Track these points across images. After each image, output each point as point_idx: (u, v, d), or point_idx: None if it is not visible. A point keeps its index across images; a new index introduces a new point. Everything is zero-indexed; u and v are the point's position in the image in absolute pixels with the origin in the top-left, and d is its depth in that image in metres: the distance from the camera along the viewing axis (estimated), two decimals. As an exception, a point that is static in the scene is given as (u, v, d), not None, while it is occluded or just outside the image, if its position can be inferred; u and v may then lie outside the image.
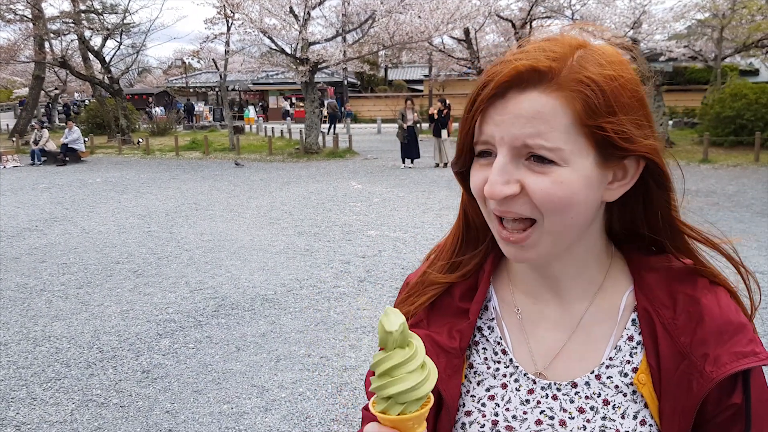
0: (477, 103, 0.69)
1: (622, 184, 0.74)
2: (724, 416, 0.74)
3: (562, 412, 0.76)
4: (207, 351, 4.33)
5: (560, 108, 0.67)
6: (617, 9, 17.60)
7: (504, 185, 0.68)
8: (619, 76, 0.68)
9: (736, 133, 16.01)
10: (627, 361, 0.76)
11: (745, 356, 0.72)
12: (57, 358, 4.28)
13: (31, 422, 3.42)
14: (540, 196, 0.68)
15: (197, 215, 9.49)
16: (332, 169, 15.34)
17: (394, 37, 17.84)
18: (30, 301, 5.48)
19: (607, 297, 0.79)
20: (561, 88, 0.67)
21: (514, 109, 0.67)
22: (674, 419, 0.73)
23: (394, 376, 0.66)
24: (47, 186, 13.18)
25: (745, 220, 8.27)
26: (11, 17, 22.00)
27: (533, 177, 0.68)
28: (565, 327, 0.79)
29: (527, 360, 0.79)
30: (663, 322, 0.74)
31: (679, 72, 30.97)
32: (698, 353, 0.72)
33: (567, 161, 0.68)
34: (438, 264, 0.85)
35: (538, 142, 0.67)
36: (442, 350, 0.80)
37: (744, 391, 0.73)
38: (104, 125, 24.75)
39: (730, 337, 0.73)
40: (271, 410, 3.49)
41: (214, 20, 18.32)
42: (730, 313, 0.75)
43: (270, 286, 5.80)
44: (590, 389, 0.76)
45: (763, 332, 4.40)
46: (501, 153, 0.69)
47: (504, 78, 0.67)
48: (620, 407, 0.74)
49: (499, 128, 0.68)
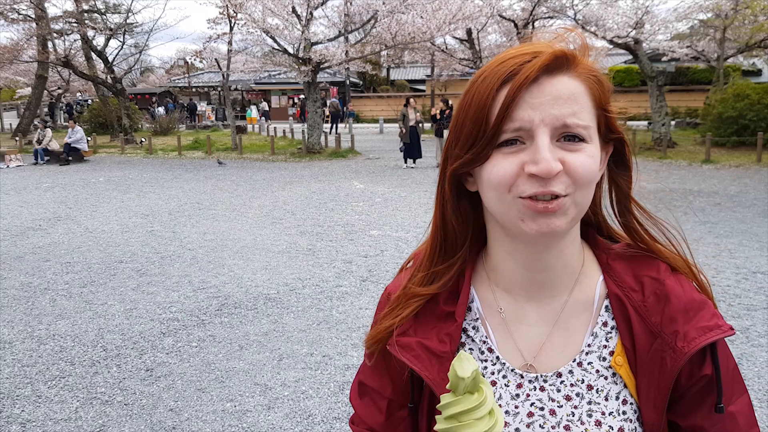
0: (510, 93, 0.71)
1: (601, 167, 0.80)
2: (696, 388, 0.79)
3: (551, 402, 0.80)
4: (210, 349, 4.36)
5: (585, 90, 0.74)
6: (620, 9, 17.54)
7: (555, 162, 0.70)
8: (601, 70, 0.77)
9: (739, 133, 15.99)
10: (604, 346, 0.80)
11: (711, 330, 0.77)
12: (61, 356, 4.31)
13: (36, 419, 3.45)
14: (581, 170, 0.72)
15: (200, 215, 9.52)
16: (334, 169, 15.37)
17: (396, 37, 17.86)
18: (34, 300, 5.51)
19: (582, 288, 0.83)
20: (581, 74, 0.74)
21: (552, 91, 0.72)
22: (650, 395, 0.77)
23: (462, 422, 0.67)
24: (50, 185, 13.22)
25: (747, 220, 8.27)
26: (14, 17, 22.06)
27: (570, 155, 0.72)
28: (547, 321, 0.83)
29: (514, 356, 0.83)
30: (634, 305, 0.80)
31: (681, 72, 30.93)
32: (669, 331, 0.77)
33: (592, 138, 0.74)
34: (418, 276, 0.86)
35: (575, 120, 0.72)
36: (434, 355, 0.82)
37: (713, 362, 0.78)
38: (107, 125, 24.81)
39: (695, 313, 0.78)
40: (273, 408, 3.52)
41: (217, 20, 18.35)
42: (693, 291, 0.81)
43: (272, 285, 5.82)
44: (574, 377, 0.80)
45: (764, 332, 4.41)
46: (542, 133, 0.71)
47: (545, 61, 0.71)
48: (603, 390, 0.79)
49: (537, 111, 0.71)
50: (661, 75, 17.54)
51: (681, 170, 13.84)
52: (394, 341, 0.83)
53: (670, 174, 13.22)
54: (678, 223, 0.90)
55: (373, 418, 0.89)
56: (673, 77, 28.08)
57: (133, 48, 28.88)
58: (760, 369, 3.84)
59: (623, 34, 17.19)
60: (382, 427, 0.88)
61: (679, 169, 13.98)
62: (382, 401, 0.88)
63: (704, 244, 6.97)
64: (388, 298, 0.91)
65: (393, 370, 0.86)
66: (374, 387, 0.89)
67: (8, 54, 22.01)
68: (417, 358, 0.82)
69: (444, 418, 0.68)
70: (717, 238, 7.28)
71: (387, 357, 0.86)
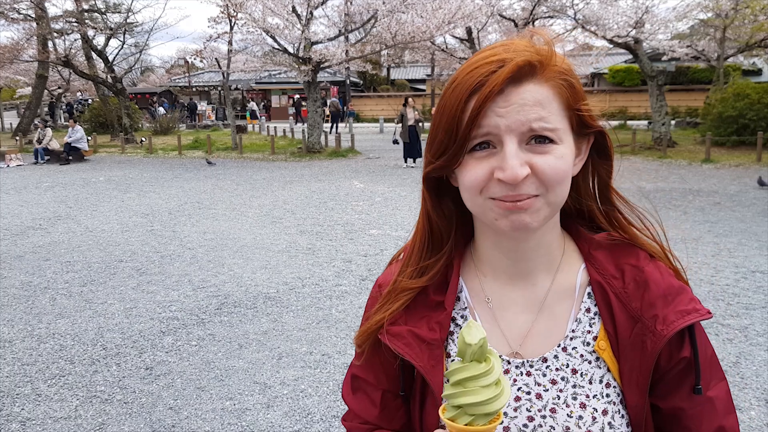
0: (478, 103, 0.74)
1: (581, 159, 0.84)
2: (676, 370, 0.82)
3: (537, 386, 0.83)
4: (210, 348, 4.37)
5: (552, 95, 0.77)
6: (620, 8, 17.53)
7: (521, 167, 0.74)
8: (573, 69, 0.80)
9: (739, 133, 15.99)
10: (587, 331, 0.84)
11: (689, 313, 0.81)
12: (61, 355, 4.32)
13: (36, 418, 3.46)
14: (549, 171, 0.75)
15: (200, 214, 9.53)
16: (334, 169, 15.38)
17: (396, 37, 17.86)
18: (34, 299, 5.52)
19: (564, 276, 0.87)
20: (549, 78, 0.77)
21: (517, 99, 0.75)
22: (633, 377, 0.81)
23: (467, 387, 0.68)
24: (51, 185, 13.23)
25: (747, 219, 8.27)
26: (15, 16, 22.07)
27: (538, 157, 0.75)
28: (532, 308, 0.86)
29: (501, 343, 0.86)
30: (615, 292, 0.83)
31: (681, 72, 30.91)
32: (648, 315, 0.81)
33: (562, 139, 0.77)
34: (407, 270, 0.89)
35: (542, 124, 0.75)
36: (424, 342, 0.84)
37: (691, 345, 0.82)
38: (107, 124, 24.82)
39: (674, 298, 0.82)
40: (272, 407, 3.52)
41: (218, 19, 18.35)
42: (671, 277, 0.85)
43: (272, 284, 5.83)
44: (559, 361, 0.83)
45: (762, 331, 4.42)
46: (509, 141, 0.75)
47: (509, 72, 0.74)
48: (587, 374, 0.82)
49: (504, 118, 0.75)
50: (661, 74, 17.54)
51: (681, 170, 13.85)
52: (385, 330, 0.86)
53: (670, 173, 13.22)
54: (655, 210, 0.93)
55: (368, 411, 0.90)
56: (674, 77, 28.07)
57: (133, 47, 28.90)
58: (758, 368, 3.85)
59: (623, 34, 17.19)
60: (377, 420, 0.90)
61: (679, 169, 13.98)
62: (375, 393, 0.90)
63: (703, 243, 6.97)
64: (380, 289, 0.94)
65: (385, 361, 0.88)
66: (368, 379, 0.91)
67: (8, 53, 22.03)
68: (408, 346, 0.84)
69: (451, 384, 0.69)
70: (716, 237, 7.29)
71: (379, 349, 0.88)
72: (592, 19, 17.76)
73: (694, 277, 5.70)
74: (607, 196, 0.89)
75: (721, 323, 4.57)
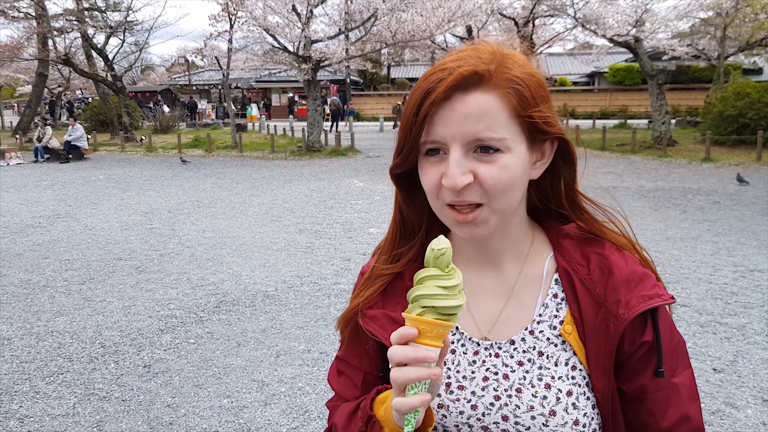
0: (425, 109, 0.77)
1: (543, 162, 0.86)
2: (639, 354, 0.84)
3: (504, 367, 0.86)
4: (208, 346, 4.37)
5: (500, 104, 0.78)
6: (619, 7, 17.52)
7: (462, 176, 0.77)
8: (534, 74, 0.81)
9: (739, 132, 15.99)
10: (554, 316, 0.87)
11: (651, 298, 0.83)
12: (60, 352, 4.32)
13: (34, 415, 3.47)
14: (491, 181, 0.78)
15: (199, 212, 9.53)
16: (334, 167, 15.38)
17: (396, 36, 17.85)
18: (33, 297, 5.53)
19: (533, 264, 0.91)
20: (497, 87, 0.78)
21: (462, 109, 0.77)
22: (599, 361, 0.83)
23: (424, 284, 0.72)
24: (50, 183, 13.24)
25: (746, 218, 8.27)
26: (15, 15, 22.06)
27: (483, 166, 0.78)
28: (501, 295, 0.90)
29: (472, 327, 0.90)
30: (580, 278, 0.86)
31: (682, 71, 30.91)
32: (611, 300, 0.84)
33: (509, 148, 0.78)
34: (382, 258, 0.96)
35: (488, 134, 0.77)
36: (397, 324, 0.86)
37: (654, 329, 0.84)
38: (107, 123, 24.83)
39: (637, 284, 0.84)
40: (270, 404, 3.53)
41: (218, 17, 18.34)
42: (635, 265, 0.87)
43: (271, 282, 5.83)
44: (526, 344, 0.86)
45: (760, 329, 4.42)
46: (454, 149, 0.78)
47: (452, 82, 0.76)
48: (553, 356, 0.85)
49: (449, 128, 0.77)
50: (662, 73, 17.52)
51: (681, 169, 13.84)
52: (363, 314, 0.90)
53: (669, 172, 13.22)
54: (621, 208, 0.95)
55: (349, 392, 0.94)
56: (674, 76, 28.07)
57: (133, 46, 28.88)
58: (755, 366, 3.85)
59: (623, 33, 17.17)
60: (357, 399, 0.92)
61: (678, 168, 13.97)
62: (357, 376, 0.94)
63: (702, 242, 6.98)
64: (362, 277, 0.99)
65: (365, 344, 0.92)
66: (351, 362, 0.95)
67: (9, 52, 22.03)
68: (382, 328, 0.88)
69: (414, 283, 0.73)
70: (715, 236, 7.29)
71: (359, 333, 0.92)
72: (592, 18, 17.76)
73: (693, 276, 5.70)
74: (573, 199, 0.91)
75: (719, 322, 4.57)
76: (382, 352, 0.91)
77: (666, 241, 7.06)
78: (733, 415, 3.30)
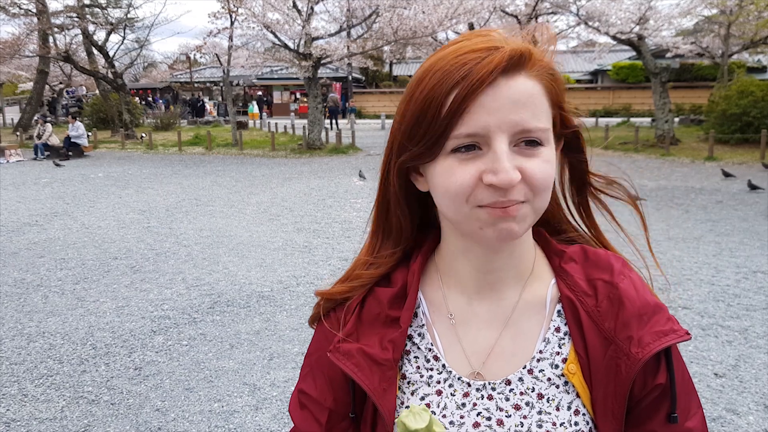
0: (467, 94, 0.65)
1: None
2: (650, 398, 0.75)
3: (499, 411, 0.75)
4: (200, 348, 4.31)
5: (542, 90, 0.69)
6: (623, 4, 17.39)
7: (514, 171, 0.66)
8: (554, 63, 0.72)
9: (742, 130, 15.87)
10: (556, 353, 0.76)
11: (666, 334, 0.73)
12: (50, 354, 4.26)
13: (21, 419, 3.40)
14: (540, 176, 0.67)
15: (197, 211, 9.47)
16: (334, 165, 15.30)
17: (397, 33, 17.75)
18: (26, 297, 5.47)
19: (533, 291, 0.79)
20: (538, 72, 0.68)
21: (510, 95, 0.66)
22: (607, 405, 0.73)
23: None
24: (49, 181, 13.19)
25: (749, 218, 8.17)
26: (15, 11, 22.03)
27: (528, 161, 0.67)
28: (496, 324, 0.78)
29: (461, 362, 0.78)
30: (587, 310, 0.76)
31: (685, 69, 30.73)
32: (622, 336, 0.73)
33: (549, 141, 0.70)
34: (362, 260, 0.85)
35: (536, 125, 0.67)
36: (375, 363, 0.77)
37: (668, 369, 0.74)
38: (108, 120, 24.79)
39: (650, 318, 0.74)
40: (261, 409, 3.46)
41: (218, 14, 18.26)
42: (647, 294, 0.77)
43: (267, 283, 5.76)
44: (524, 385, 0.76)
45: (763, 333, 4.34)
46: (500, 141, 0.66)
47: (499, 62, 0.65)
48: (554, 399, 0.75)
49: (493, 116, 0.65)
50: (665, 71, 17.40)
51: (684, 167, 13.73)
52: (335, 348, 0.79)
53: (672, 171, 13.11)
54: (630, 179, 0.87)
55: (313, 428, 0.83)
56: (678, 73, 27.92)
57: (134, 43, 28.85)
58: (757, 371, 3.77)
59: (626, 30, 17.05)
60: None
61: (681, 167, 13.86)
62: (322, 413, 0.82)
63: (705, 243, 6.89)
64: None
65: (334, 378, 0.82)
66: (314, 396, 0.83)
67: (9, 49, 22.00)
68: (358, 367, 0.77)
69: None
70: (718, 236, 7.20)
71: (328, 364, 0.81)
72: (595, 15, 17.63)
73: (695, 278, 5.61)
74: (585, 181, 0.82)
75: (720, 325, 4.49)
76: (356, 392, 0.80)
77: (668, 242, 6.97)
78: (735, 421, 3.22)
